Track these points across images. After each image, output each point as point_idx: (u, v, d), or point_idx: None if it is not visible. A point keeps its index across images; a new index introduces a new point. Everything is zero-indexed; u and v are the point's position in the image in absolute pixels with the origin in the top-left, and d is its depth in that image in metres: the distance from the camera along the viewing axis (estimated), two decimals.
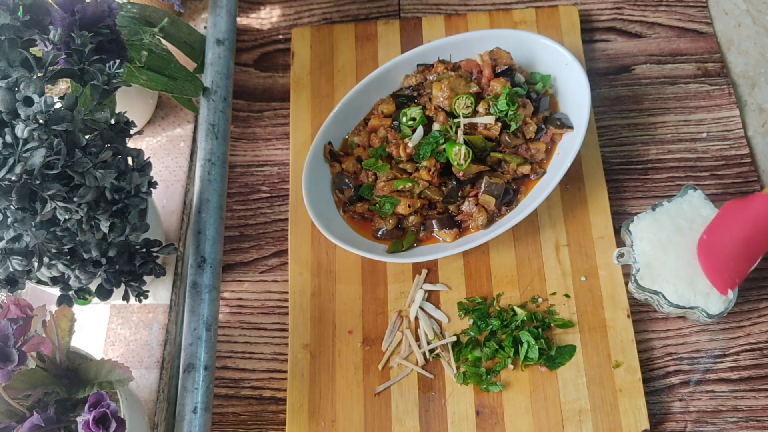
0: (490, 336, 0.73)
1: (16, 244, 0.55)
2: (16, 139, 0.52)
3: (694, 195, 0.74)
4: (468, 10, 0.93)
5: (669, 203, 0.74)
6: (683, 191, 0.74)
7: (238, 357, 0.78)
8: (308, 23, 0.94)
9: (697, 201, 0.74)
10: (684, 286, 0.70)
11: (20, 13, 0.59)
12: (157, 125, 0.88)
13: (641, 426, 0.69)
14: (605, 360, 0.72)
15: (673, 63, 0.88)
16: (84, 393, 0.59)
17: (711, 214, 0.73)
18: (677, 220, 0.73)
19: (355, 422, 0.72)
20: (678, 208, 0.73)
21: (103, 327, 0.77)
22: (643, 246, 0.72)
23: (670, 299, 0.70)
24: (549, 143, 0.78)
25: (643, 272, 0.71)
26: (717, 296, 0.69)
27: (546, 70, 0.82)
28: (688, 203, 0.74)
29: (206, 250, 0.73)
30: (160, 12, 0.79)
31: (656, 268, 0.71)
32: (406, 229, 0.77)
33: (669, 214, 0.73)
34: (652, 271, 0.71)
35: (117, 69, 0.60)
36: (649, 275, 0.71)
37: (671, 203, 0.74)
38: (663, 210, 0.73)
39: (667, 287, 0.70)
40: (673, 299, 0.70)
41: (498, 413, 0.71)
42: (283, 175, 0.86)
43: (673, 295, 0.70)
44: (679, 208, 0.73)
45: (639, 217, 0.74)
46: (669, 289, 0.70)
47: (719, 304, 0.69)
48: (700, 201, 0.74)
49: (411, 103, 0.81)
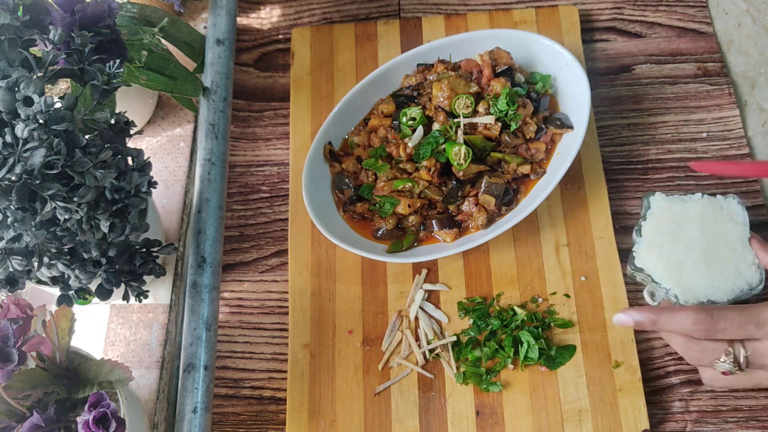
0: (490, 336, 0.73)
1: (16, 244, 0.55)
2: (16, 139, 0.52)
3: (733, 202, 0.70)
4: (468, 10, 0.93)
5: (704, 198, 0.71)
6: (726, 197, 0.70)
7: (238, 357, 0.78)
8: (308, 23, 0.94)
9: (734, 209, 0.70)
10: (673, 267, 0.68)
11: (20, 13, 0.59)
12: (157, 125, 0.88)
13: (641, 426, 0.69)
14: (605, 360, 0.72)
15: (673, 63, 0.88)
16: (84, 393, 0.59)
17: (740, 230, 0.69)
18: (705, 215, 0.70)
19: (355, 422, 0.72)
20: (713, 205, 0.70)
21: (103, 327, 0.77)
22: (651, 224, 0.71)
23: (656, 280, 0.69)
24: (549, 143, 0.78)
25: (641, 247, 0.70)
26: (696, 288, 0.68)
27: (546, 70, 0.82)
28: (726, 207, 0.70)
29: (206, 250, 0.73)
30: (160, 12, 0.79)
31: (656, 246, 0.70)
32: (406, 229, 0.77)
33: (699, 206, 0.70)
34: (651, 247, 0.70)
35: (117, 69, 0.60)
36: (646, 251, 0.70)
37: (705, 199, 0.71)
38: (693, 199, 0.71)
39: (658, 268, 0.69)
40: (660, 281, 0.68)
41: (498, 413, 0.71)
42: (283, 175, 0.86)
43: (661, 277, 0.68)
44: (713, 205, 0.70)
45: (662, 195, 0.71)
46: (658, 270, 0.69)
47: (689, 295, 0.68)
48: (737, 209, 0.70)
49: (411, 103, 0.81)
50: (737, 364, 0.62)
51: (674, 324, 0.62)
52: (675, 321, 0.62)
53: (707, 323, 0.60)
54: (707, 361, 0.63)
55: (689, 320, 0.61)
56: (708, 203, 0.71)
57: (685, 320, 0.61)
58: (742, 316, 0.60)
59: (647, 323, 0.63)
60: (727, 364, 0.62)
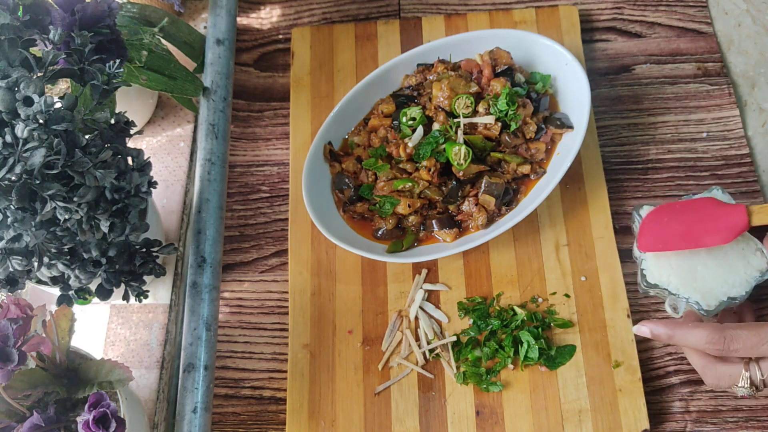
0: (490, 336, 0.73)
1: (16, 244, 0.55)
2: (16, 139, 0.52)
3: (719, 194, 0.70)
4: (468, 10, 0.93)
5: (690, 197, 0.71)
6: (710, 190, 0.71)
7: (238, 357, 0.78)
8: (308, 23, 0.94)
9: (721, 199, 0.70)
10: (685, 275, 0.68)
11: (20, 13, 0.59)
12: (157, 125, 0.88)
13: (641, 426, 0.69)
14: (605, 360, 0.72)
15: (673, 63, 0.88)
16: (84, 393, 0.59)
17: None
18: None
19: (355, 422, 0.72)
20: None
21: (103, 327, 0.77)
22: None
23: (673, 292, 0.68)
24: (549, 143, 0.78)
25: (649, 264, 0.70)
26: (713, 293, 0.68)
27: (546, 70, 0.82)
28: None
29: (206, 250, 0.73)
30: (160, 12, 0.79)
31: (664, 258, 0.69)
32: (406, 229, 0.77)
33: None
34: (659, 260, 0.69)
35: (117, 69, 0.60)
36: (656, 266, 0.69)
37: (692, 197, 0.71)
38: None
39: (672, 279, 0.68)
40: (676, 291, 0.68)
41: (498, 413, 0.71)
42: (283, 175, 0.86)
43: (677, 288, 0.68)
44: None
45: (650, 207, 0.71)
46: (673, 281, 0.68)
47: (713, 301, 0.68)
48: (724, 199, 0.70)
49: (411, 102, 0.81)
50: (754, 386, 0.62)
51: (689, 341, 0.62)
52: (689, 338, 0.62)
53: (720, 344, 0.60)
54: (724, 385, 0.63)
55: (703, 339, 0.61)
56: None
57: (699, 339, 0.61)
58: (756, 336, 0.60)
59: (663, 337, 0.63)
60: (745, 389, 0.62)
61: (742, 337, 0.60)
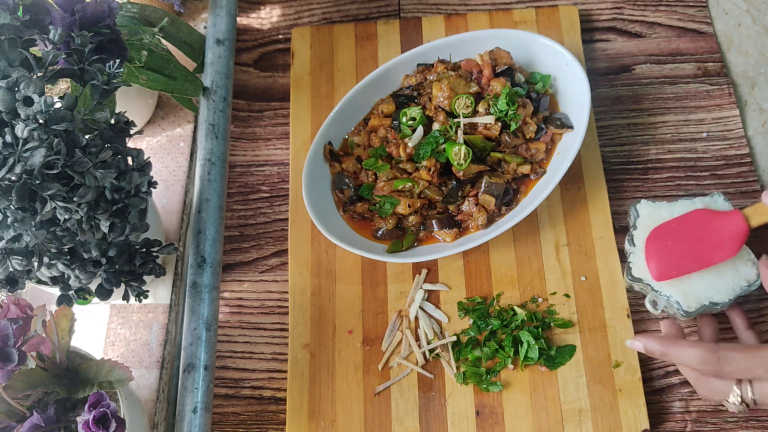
0: (490, 336, 0.73)
1: (16, 244, 0.55)
2: (16, 139, 0.52)
3: (720, 200, 0.70)
4: (468, 10, 0.93)
5: (687, 200, 0.71)
6: (711, 195, 0.70)
7: (238, 357, 0.78)
8: (308, 23, 0.94)
9: (721, 206, 0.70)
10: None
11: (20, 13, 0.59)
12: (157, 125, 0.88)
13: (641, 426, 0.69)
14: (605, 360, 0.72)
15: (673, 63, 0.88)
16: (84, 393, 0.59)
17: None
18: None
19: (355, 422, 0.72)
20: (699, 205, 0.70)
21: (103, 327, 0.77)
22: (642, 233, 0.70)
23: (656, 288, 0.68)
24: (549, 143, 0.78)
25: (636, 257, 0.70)
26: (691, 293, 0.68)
27: (546, 70, 0.82)
28: (712, 206, 0.70)
29: (206, 250, 0.73)
30: (160, 12, 0.79)
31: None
32: (406, 228, 0.77)
33: (686, 209, 0.70)
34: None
35: (117, 69, 0.60)
36: (642, 260, 0.69)
37: (689, 200, 0.71)
38: (678, 204, 0.70)
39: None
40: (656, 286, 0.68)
41: (498, 413, 0.71)
42: (283, 175, 0.86)
43: (660, 284, 0.68)
44: (700, 206, 0.70)
45: (648, 202, 0.71)
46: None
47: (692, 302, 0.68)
48: (724, 206, 0.70)
49: (411, 102, 0.81)
50: (745, 404, 0.62)
51: (682, 359, 0.62)
52: (683, 357, 0.62)
53: (714, 365, 0.60)
54: (716, 399, 0.64)
55: (696, 359, 0.61)
56: (695, 204, 0.70)
57: (692, 358, 0.61)
58: (751, 359, 0.60)
59: (657, 354, 0.63)
60: (735, 405, 0.62)
61: (736, 360, 0.60)
